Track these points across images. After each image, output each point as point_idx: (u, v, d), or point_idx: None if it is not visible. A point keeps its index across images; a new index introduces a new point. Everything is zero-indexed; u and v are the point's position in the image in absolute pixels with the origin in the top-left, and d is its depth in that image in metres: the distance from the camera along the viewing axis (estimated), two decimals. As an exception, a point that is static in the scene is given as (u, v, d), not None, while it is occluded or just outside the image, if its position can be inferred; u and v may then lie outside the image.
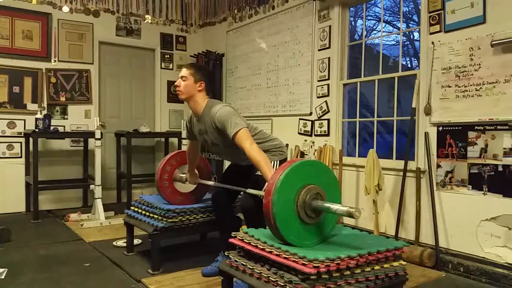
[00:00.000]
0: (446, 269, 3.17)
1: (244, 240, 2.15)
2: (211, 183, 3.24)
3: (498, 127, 2.96)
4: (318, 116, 4.42)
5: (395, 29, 7.16)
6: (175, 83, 2.90)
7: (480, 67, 3.06)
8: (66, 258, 3.34)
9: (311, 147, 4.49)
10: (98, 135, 4.58)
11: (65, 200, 5.36)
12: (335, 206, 1.97)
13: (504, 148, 2.93)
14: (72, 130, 5.39)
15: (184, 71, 2.87)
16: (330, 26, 4.30)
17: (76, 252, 3.51)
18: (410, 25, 7.02)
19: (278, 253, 1.92)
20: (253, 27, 5.40)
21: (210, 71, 3.06)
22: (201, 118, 2.86)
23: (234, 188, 2.88)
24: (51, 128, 4.90)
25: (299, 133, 4.63)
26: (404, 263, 2.13)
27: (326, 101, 4.33)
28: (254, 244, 2.07)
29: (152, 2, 6.08)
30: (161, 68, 6.20)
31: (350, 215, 1.89)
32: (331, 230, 2.18)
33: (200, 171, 3.39)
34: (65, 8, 5.38)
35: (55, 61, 5.34)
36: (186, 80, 2.83)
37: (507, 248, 2.90)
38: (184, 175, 3.28)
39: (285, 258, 1.87)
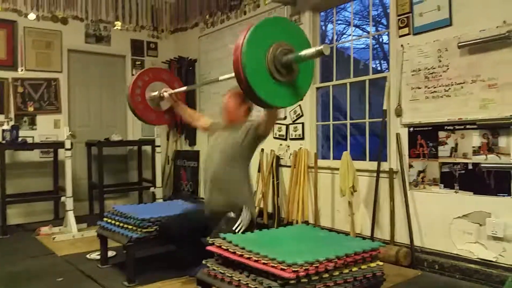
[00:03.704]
0: (422, 267, 3.23)
1: (222, 247, 2.13)
2: (183, 88, 3.26)
3: (467, 127, 3.04)
4: (293, 120, 4.44)
5: (365, 33, 7.28)
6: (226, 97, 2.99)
7: (448, 68, 3.14)
8: (38, 274, 3.22)
9: (287, 151, 4.50)
10: (68, 145, 4.45)
11: (35, 213, 5.18)
12: (303, 52, 1.96)
13: (473, 147, 3.01)
14: (41, 141, 5.23)
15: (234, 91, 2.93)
16: (301, 31, 4.33)
17: (48, 267, 3.40)
18: (379, 28, 7.16)
19: (256, 258, 1.90)
20: (225, 32, 5.39)
21: None
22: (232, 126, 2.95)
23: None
24: (19, 139, 4.74)
25: (274, 138, 4.64)
26: (381, 263, 2.15)
27: (300, 105, 4.35)
28: (232, 251, 2.05)
29: (122, 8, 5.99)
30: (132, 75, 6.08)
31: (319, 53, 1.89)
32: (305, 90, 2.20)
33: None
34: (32, 16, 5.23)
35: (22, 70, 5.18)
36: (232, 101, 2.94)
37: (478, 244, 2.98)
38: (156, 93, 3.25)
39: (264, 263, 1.86)
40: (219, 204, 2.80)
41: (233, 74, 2.11)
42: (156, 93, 3.25)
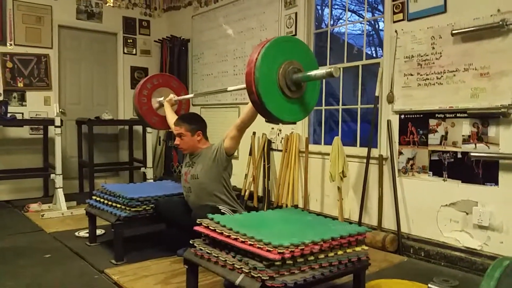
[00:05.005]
0: (408, 254, 3.27)
1: (209, 227, 2.13)
2: (190, 96, 3.44)
3: (458, 115, 3.05)
4: (285, 103, 4.41)
5: (360, 18, 7.22)
6: (175, 142, 3.03)
7: (441, 56, 3.13)
8: (25, 250, 3.22)
9: (278, 135, 4.50)
10: (58, 123, 4.41)
11: (25, 190, 5.16)
12: (313, 72, 2.05)
13: (463, 136, 3.02)
14: (31, 117, 5.18)
15: (178, 129, 2.97)
16: (296, 13, 4.28)
17: (36, 243, 3.39)
18: (376, 14, 7.10)
19: (243, 240, 1.91)
20: (219, 12, 5.31)
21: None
22: (197, 154, 3.00)
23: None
24: (8, 115, 4.68)
25: (266, 121, 4.60)
26: (366, 248, 2.17)
27: (292, 89, 4.32)
28: (219, 231, 2.06)
29: (115, -15, 5.88)
30: (124, 53, 6.03)
31: (329, 74, 1.97)
32: (312, 106, 2.31)
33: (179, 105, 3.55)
34: (21, -11, 5.12)
35: (11, 44, 5.09)
36: (184, 137, 2.96)
37: (464, 232, 3.01)
38: (161, 98, 3.41)
39: (250, 245, 1.87)
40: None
41: (242, 86, 2.28)
42: (161, 98, 3.41)
